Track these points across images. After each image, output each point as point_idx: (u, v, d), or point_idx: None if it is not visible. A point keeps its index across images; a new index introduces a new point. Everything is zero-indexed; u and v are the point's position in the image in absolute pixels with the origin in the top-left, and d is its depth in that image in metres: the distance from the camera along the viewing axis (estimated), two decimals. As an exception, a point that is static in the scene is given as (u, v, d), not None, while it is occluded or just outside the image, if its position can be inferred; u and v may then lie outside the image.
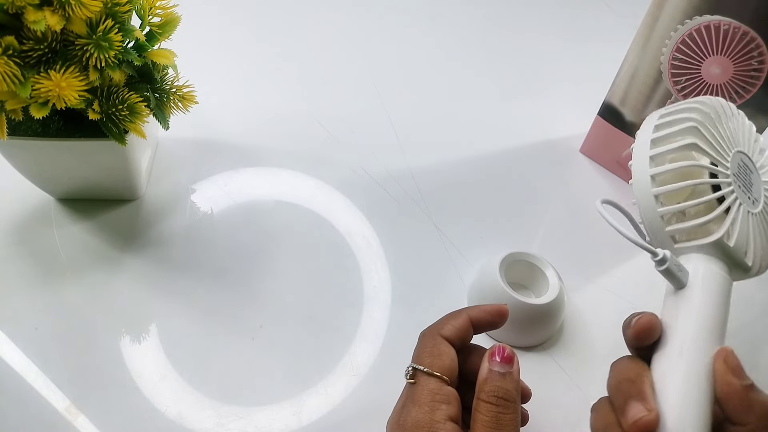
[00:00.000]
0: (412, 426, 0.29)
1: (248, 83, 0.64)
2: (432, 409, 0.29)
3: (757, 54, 0.43)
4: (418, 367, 0.30)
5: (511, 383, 0.30)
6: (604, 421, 0.28)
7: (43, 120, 0.44)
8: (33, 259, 0.48)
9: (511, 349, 0.31)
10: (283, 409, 0.42)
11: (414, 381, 0.30)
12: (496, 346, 0.31)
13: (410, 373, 0.31)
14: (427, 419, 0.29)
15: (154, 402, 0.42)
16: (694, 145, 0.31)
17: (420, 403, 0.29)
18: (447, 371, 0.31)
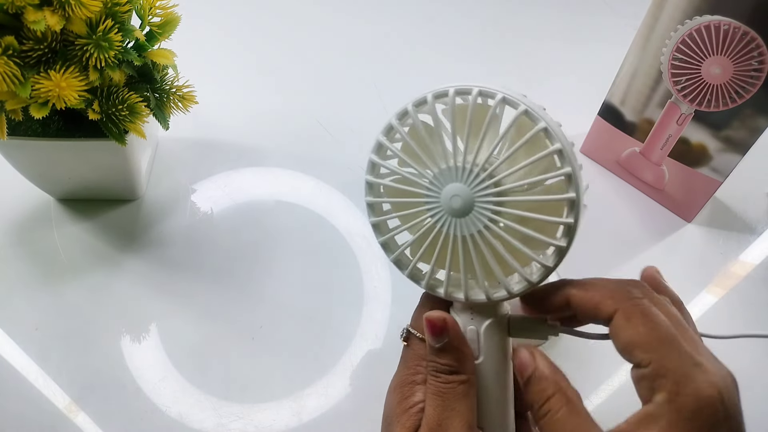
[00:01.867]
0: (395, 385, 0.30)
1: (248, 83, 0.64)
2: (415, 372, 0.29)
3: (757, 54, 0.43)
4: (412, 331, 0.30)
5: (445, 357, 0.28)
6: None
7: (43, 120, 0.44)
8: (33, 259, 0.48)
9: (442, 316, 0.28)
10: (283, 408, 0.42)
11: (407, 344, 0.31)
12: (425, 317, 0.29)
13: (404, 335, 0.31)
14: (408, 380, 0.29)
15: (155, 402, 0.42)
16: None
17: (407, 366, 0.30)
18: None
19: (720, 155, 0.49)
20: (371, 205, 0.30)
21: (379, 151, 0.29)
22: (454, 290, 0.29)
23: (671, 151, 0.51)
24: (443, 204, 0.27)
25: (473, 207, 0.27)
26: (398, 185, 0.28)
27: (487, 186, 0.26)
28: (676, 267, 0.52)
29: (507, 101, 0.26)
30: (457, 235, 0.27)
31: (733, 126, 0.47)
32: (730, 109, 0.46)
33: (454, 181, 0.27)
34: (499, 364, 0.29)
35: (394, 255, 0.29)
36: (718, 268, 0.52)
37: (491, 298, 0.28)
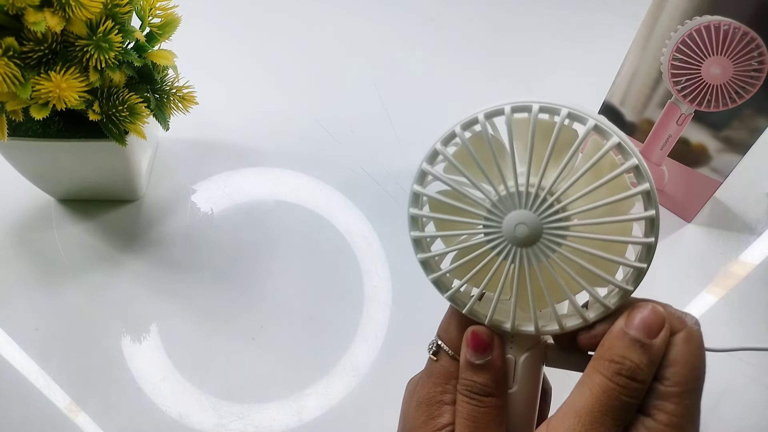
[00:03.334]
0: (420, 401, 0.28)
1: (248, 83, 0.64)
2: (444, 391, 0.28)
3: (757, 54, 0.43)
4: (443, 347, 0.28)
5: (483, 376, 0.26)
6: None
7: (44, 121, 0.44)
8: (33, 259, 0.48)
9: (489, 331, 0.27)
10: (283, 409, 0.42)
11: (436, 359, 0.28)
12: (471, 330, 0.27)
13: (434, 350, 0.29)
14: (436, 399, 0.28)
15: (155, 402, 0.42)
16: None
17: (435, 382, 0.28)
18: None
19: (720, 155, 0.49)
20: (415, 219, 0.27)
21: (434, 159, 0.26)
22: (500, 318, 0.27)
23: (671, 151, 0.51)
24: (505, 232, 0.25)
25: (540, 238, 0.25)
26: (453, 202, 0.26)
27: (559, 218, 0.24)
28: (676, 267, 0.52)
29: (598, 129, 0.24)
30: (515, 263, 0.25)
31: (733, 126, 0.47)
32: (730, 110, 0.46)
33: (521, 207, 0.25)
34: (532, 394, 0.28)
35: (435, 275, 0.27)
36: (718, 268, 0.52)
37: (541, 331, 0.26)
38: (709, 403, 0.44)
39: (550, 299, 0.25)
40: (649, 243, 0.24)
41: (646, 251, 0.25)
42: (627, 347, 0.24)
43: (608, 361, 0.24)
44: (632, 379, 0.23)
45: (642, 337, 0.24)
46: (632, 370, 0.23)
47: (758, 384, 0.45)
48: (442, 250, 0.27)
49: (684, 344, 0.24)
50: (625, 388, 0.23)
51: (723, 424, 0.43)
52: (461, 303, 0.27)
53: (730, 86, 0.45)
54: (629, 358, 0.24)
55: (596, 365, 0.24)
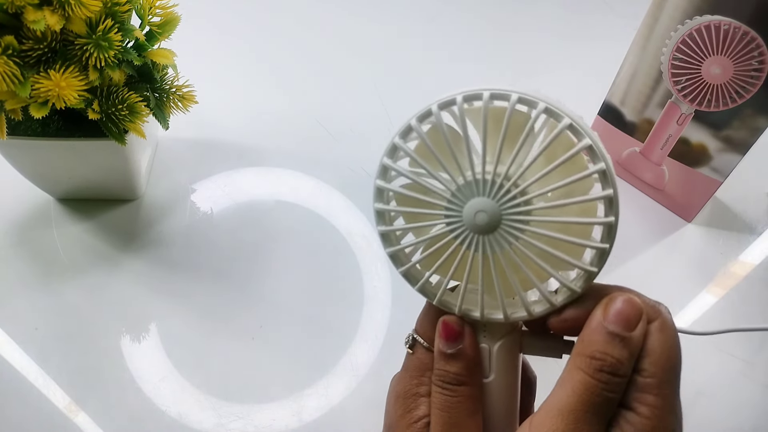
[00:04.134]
0: (396, 394, 0.28)
1: (248, 83, 0.64)
2: (419, 383, 0.28)
3: (757, 54, 0.43)
4: (418, 339, 0.28)
5: (456, 365, 0.26)
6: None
7: (43, 120, 0.44)
8: (33, 259, 0.48)
9: (459, 320, 0.27)
10: (283, 409, 0.42)
11: (412, 353, 0.29)
12: (442, 320, 0.27)
13: (409, 342, 0.29)
14: (412, 391, 0.28)
15: (154, 402, 0.42)
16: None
17: (410, 375, 0.28)
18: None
19: (720, 155, 0.49)
20: (381, 213, 0.27)
21: (394, 154, 0.26)
22: (469, 307, 0.27)
23: (671, 151, 0.51)
24: (465, 219, 0.25)
25: (500, 224, 0.25)
26: (414, 194, 0.26)
27: (517, 203, 0.24)
28: (676, 267, 0.52)
29: (550, 112, 0.24)
30: (478, 251, 0.25)
31: (733, 126, 0.47)
32: (730, 109, 0.46)
33: (479, 195, 0.25)
34: (510, 383, 0.28)
35: (405, 268, 0.27)
36: (718, 268, 0.52)
37: (510, 318, 0.26)
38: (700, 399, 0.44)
39: (517, 286, 0.25)
40: (610, 222, 0.24)
41: (607, 231, 0.24)
42: (606, 342, 0.23)
43: (588, 357, 0.24)
44: (613, 374, 0.23)
45: (621, 331, 0.23)
46: (613, 365, 0.23)
47: (748, 378, 0.45)
48: (408, 242, 0.27)
49: (659, 334, 0.24)
50: (607, 384, 0.23)
51: (713, 420, 0.43)
52: (432, 294, 0.27)
53: (730, 86, 0.45)
54: (610, 353, 0.23)
55: (576, 362, 0.24)
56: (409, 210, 0.27)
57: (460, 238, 0.25)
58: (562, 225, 0.25)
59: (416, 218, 0.27)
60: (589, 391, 0.23)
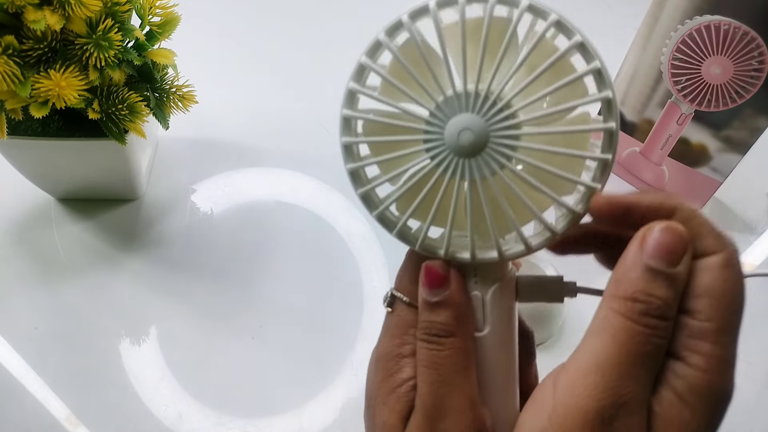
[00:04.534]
0: (377, 358, 0.25)
1: (248, 83, 0.64)
2: (402, 343, 0.24)
3: (757, 54, 0.43)
4: (397, 295, 0.25)
5: (442, 314, 0.23)
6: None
7: (43, 120, 0.44)
8: (33, 258, 0.48)
9: (444, 264, 0.23)
10: (283, 408, 0.42)
11: (390, 311, 0.25)
12: (425, 265, 0.24)
13: (388, 300, 0.25)
14: (394, 353, 0.24)
15: (155, 401, 0.42)
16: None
17: (391, 335, 0.25)
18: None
19: (720, 155, 0.49)
20: (348, 148, 0.23)
21: (361, 76, 0.23)
22: (457, 249, 0.23)
23: (671, 151, 0.51)
24: (448, 141, 0.21)
25: (487, 143, 0.21)
26: (386, 120, 0.23)
27: (506, 116, 0.21)
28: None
29: (534, 10, 0.21)
30: (464, 179, 0.22)
31: (733, 126, 0.47)
32: (730, 109, 0.46)
33: (463, 111, 0.21)
34: (507, 335, 0.24)
35: (379, 210, 0.24)
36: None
37: (505, 255, 0.23)
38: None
39: (510, 215, 0.22)
40: (610, 128, 0.21)
41: (608, 139, 0.21)
42: (648, 280, 0.20)
43: (630, 300, 0.20)
44: (662, 317, 0.20)
45: (664, 267, 0.20)
46: (660, 308, 0.20)
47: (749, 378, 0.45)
48: (381, 179, 0.23)
49: (723, 270, 0.20)
50: (656, 330, 0.20)
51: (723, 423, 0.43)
52: (413, 239, 0.24)
53: (730, 86, 0.45)
54: (655, 294, 0.20)
55: (614, 306, 0.20)
56: (382, 139, 0.23)
57: (443, 165, 0.22)
58: (561, 137, 0.22)
59: (391, 148, 0.23)
60: (634, 339, 0.19)
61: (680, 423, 0.19)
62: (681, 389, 0.19)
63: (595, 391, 0.19)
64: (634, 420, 0.19)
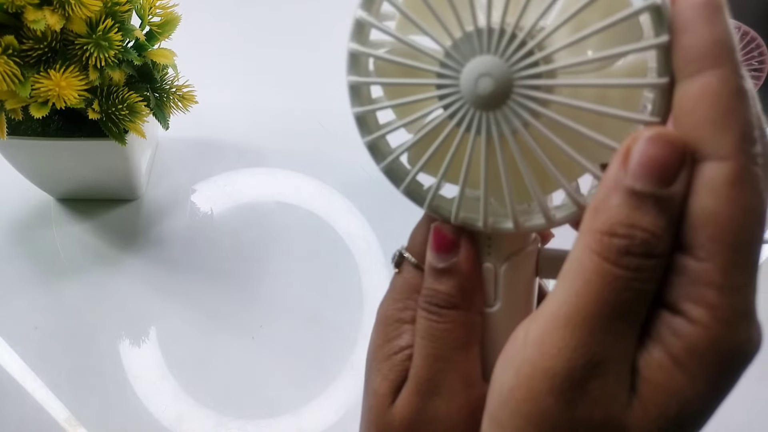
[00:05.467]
0: (379, 320, 0.23)
1: (248, 83, 0.64)
2: (404, 308, 0.22)
3: (757, 54, 0.43)
4: (406, 255, 0.23)
5: (446, 283, 0.20)
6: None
7: (43, 120, 0.44)
8: (33, 259, 0.48)
9: (455, 228, 0.21)
10: (283, 409, 0.42)
11: (399, 271, 0.23)
12: (434, 227, 0.21)
13: (396, 260, 0.23)
14: (395, 317, 0.22)
15: (155, 401, 0.42)
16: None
17: (394, 298, 0.23)
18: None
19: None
20: (356, 89, 0.20)
21: (371, 6, 0.20)
22: (468, 214, 0.20)
23: (671, 152, 0.51)
24: (464, 88, 0.18)
25: (510, 93, 0.18)
26: (398, 59, 0.19)
27: (535, 61, 0.17)
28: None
29: None
30: (481, 134, 0.18)
31: (734, 126, 0.47)
32: (730, 109, 0.46)
33: (483, 53, 0.18)
34: (520, 313, 0.21)
35: (386, 162, 0.21)
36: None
37: (522, 227, 0.20)
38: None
39: (531, 181, 0.19)
40: (663, 85, 0.16)
41: (660, 97, 0.17)
42: (631, 207, 0.15)
43: (606, 234, 0.16)
44: (647, 255, 0.15)
45: (652, 188, 0.15)
46: (646, 242, 0.15)
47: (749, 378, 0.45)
48: (390, 127, 0.21)
49: (728, 189, 0.15)
50: (638, 272, 0.15)
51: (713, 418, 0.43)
52: (421, 198, 0.21)
53: (730, 86, 0.45)
54: (639, 224, 0.15)
55: (588, 242, 0.16)
56: (392, 81, 0.20)
57: (457, 116, 0.18)
58: (597, 92, 0.18)
59: (403, 93, 0.20)
60: (611, 286, 0.16)
61: (672, 390, 0.16)
62: (677, 350, 0.16)
63: (565, 350, 0.16)
64: (611, 381, 0.16)
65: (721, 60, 0.15)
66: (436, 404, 0.20)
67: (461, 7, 0.18)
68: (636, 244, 0.15)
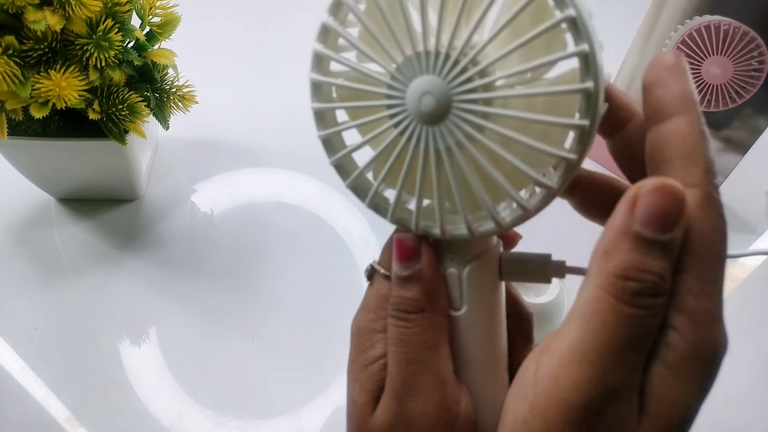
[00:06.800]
0: (354, 332, 0.24)
1: (248, 83, 0.64)
2: (377, 317, 0.23)
3: (757, 54, 0.43)
4: (377, 268, 0.24)
5: (412, 289, 0.22)
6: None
7: (44, 120, 0.44)
8: (33, 259, 0.48)
9: (416, 237, 0.22)
10: (283, 409, 0.42)
11: (371, 283, 0.24)
12: (396, 237, 0.23)
13: (368, 273, 0.24)
14: (368, 327, 0.23)
15: (155, 401, 0.42)
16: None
17: (367, 308, 0.24)
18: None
19: (720, 155, 0.49)
20: (319, 114, 0.22)
21: (327, 38, 0.21)
22: (427, 223, 0.22)
23: (671, 151, 0.51)
24: (410, 106, 0.20)
25: (450, 109, 0.19)
26: (351, 84, 0.21)
27: (470, 77, 0.19)
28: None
29: None
30: (429, 149, 0.20)
31: (733, 126, 0.47)
32: (730, 109, 0.46)
33: (424, 73, 0.19)
34: (487, 316, 0.23)
35: (351, 179, 0.22)
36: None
37: (476, 232, 0.21)
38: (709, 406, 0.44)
39: (478, 188, 0.20)
40: (587, 90, 0.18)
41: (586, 102, 0.19)
42: (643, 253, 0.17)
43: (621, 278, 0.17)
44: (658, 294, 0.17)
45: (658, 235, 0.17)
46: (656, 284, 0.17)
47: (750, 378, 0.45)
48: (350, 147, 0.22)
49: (698, 210, 0.17)
50: (651, 309, 0.17)
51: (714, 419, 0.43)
52: (385, 210, 0.22)
53: (730, 86, 0.45)
54: (650, 269, 0.17)
55: (603, 284, 0.17)
56: (347, 105, 0.22)
57: (407, 133, 0.20)
58: (537, 104, 0.20)
59: (360, 114, 0.21)
60: (627, 324, 0.17)
61: (675, 399, 0.17)
62: (672, 360, 0.17)
63: (581, 382, 0.17)
64: (625, 407, 0.17)
65: (688, 108, 0.18)
66: (412, 406, 0.21)
67: (401, 34, 0.19)
68: (647, 286, 0.17)
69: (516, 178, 0.20)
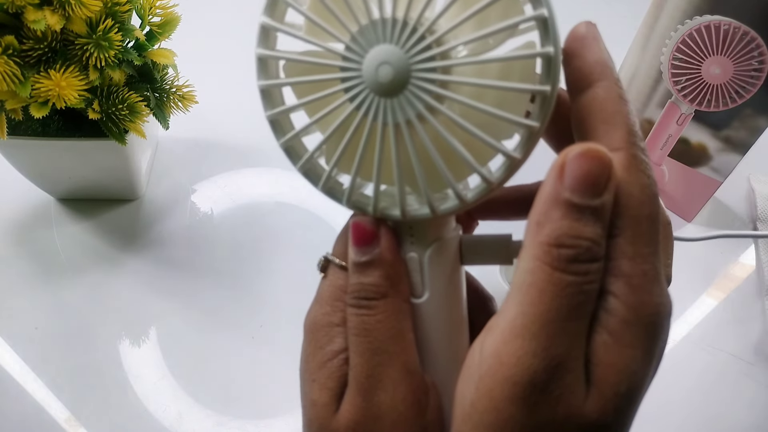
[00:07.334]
0: (308, 329, 0.22)
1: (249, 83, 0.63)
2: (333, 310, 0.22)
3: (757, 54, 0.43)
4: (331, 258, 0.23)
5: (372, 275, 0.20)
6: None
7: (43, 120, 0.44)
8: (33, 258, 0.48)
9: (374, 220, 0.21)
10: (283, 409, 0.42)
11: (324, 276, 0.23)
12: (352, 221, 0.21)
13: (321, 265, 0.23)
14: (324, 321, 0.22)
15: (154, 400, 0.42)
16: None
17: (321, 302, 0.22)
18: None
19: (720, 155, 0.49)
20: (266, 92, 0.20)
21: (274, 10, 0.20)
22: (386, 205, 0.21)
23: (671, 151, 0.51)
24: (366, 77, 0.18)
25: (409, 79, 0.18)
26: (303, 58, 0.20)
27: (428, 45, 0.18)
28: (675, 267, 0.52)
29: None
30: (388, 123, 0.19)
31: (733, 126, 0.47)
32: (730, 109, 0.46)
33: (381, 42, 0.18)
34: (449, 300, 0.22)
35: (302, 162, 0.21)
36: (719, 269, 0.52)
37: (437, 211, 0.20)
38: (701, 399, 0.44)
39: (440, 164, 0.19)
40: (548, 54, 0.18)
41: (546, 67, 0.18)
42: (574, 219, 0.17)
43: (554, 246, 0.17)
44: (593, 260, 0.17)
45: (588, 200, 0.17)
46: (591, 249, 0.17)
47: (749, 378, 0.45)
48: (302, 126, 0.21)
49: (625, 173, 0.17)
50: (587, 275, 0.17)
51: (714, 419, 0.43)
52: (340, 194, 0.21)
53: (730, 86, 0.45)
54: (583, 234, 0.17)
55: (537, 253, 0.17)
56: (299, 80, 0.20)
57: (364, 106, 0.19)
58: (490, 73, 0.19)
59: (310, 90, 0.20)
60: (565, 291, 0.17)
61: (620, 366, 0.17)
62: (613, 326, 0.17)
63: (524, 357, 0.17)
64: (572, 378, 0.17)
65: (604, 74, 0.18)
66: (380, 399, 0.20)
67: (355, 3, 0.18)
68: (582, 252, 0.17)
69: (477, 150, 0.19)
